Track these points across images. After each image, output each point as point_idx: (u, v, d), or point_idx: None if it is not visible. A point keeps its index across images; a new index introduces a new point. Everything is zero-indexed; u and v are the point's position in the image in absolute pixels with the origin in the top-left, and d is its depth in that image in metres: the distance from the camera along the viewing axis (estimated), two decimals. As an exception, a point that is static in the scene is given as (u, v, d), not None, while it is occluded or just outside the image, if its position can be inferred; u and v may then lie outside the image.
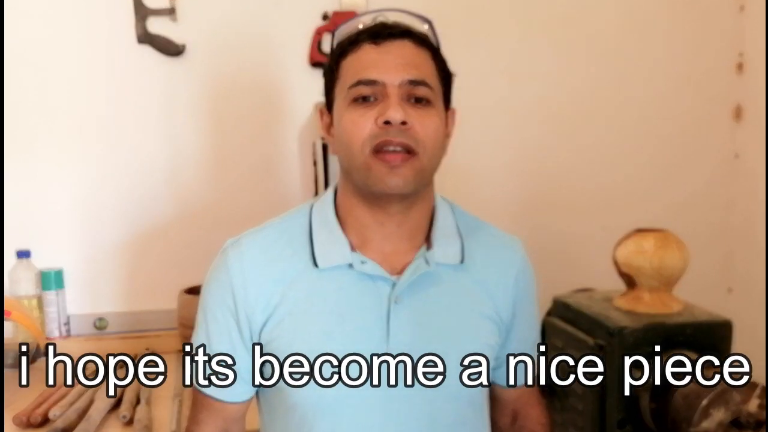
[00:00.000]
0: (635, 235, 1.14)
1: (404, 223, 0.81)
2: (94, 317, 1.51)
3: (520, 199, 1.66)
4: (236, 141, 1.55)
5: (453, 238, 0.85)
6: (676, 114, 1.69)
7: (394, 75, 0.76)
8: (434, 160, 0.79)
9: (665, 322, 1.07)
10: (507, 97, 1.62)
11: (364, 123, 0.76)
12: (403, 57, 0.77)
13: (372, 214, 0.81)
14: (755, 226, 1.64)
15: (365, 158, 0.76)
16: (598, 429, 1.10)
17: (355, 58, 0.78)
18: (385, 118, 0.74)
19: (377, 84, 0.76)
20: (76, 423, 1.08)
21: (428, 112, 0.77)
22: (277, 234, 0.83)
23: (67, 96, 1.48)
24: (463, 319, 0.83)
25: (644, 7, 1.64)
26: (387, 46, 0.77)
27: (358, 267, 0.80)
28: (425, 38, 0.81)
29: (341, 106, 0.79)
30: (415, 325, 0.80)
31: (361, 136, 0.76)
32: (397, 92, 0.76)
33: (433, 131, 0.77)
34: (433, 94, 0.78)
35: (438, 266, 0.82)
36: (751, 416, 0.94)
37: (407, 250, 0.82)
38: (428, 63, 0.79)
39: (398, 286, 0.80)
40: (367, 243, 0.82)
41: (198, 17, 1.49)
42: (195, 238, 1.51)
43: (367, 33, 0.78)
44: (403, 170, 0.75)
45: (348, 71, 0.78)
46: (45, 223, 1.49)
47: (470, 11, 1.58)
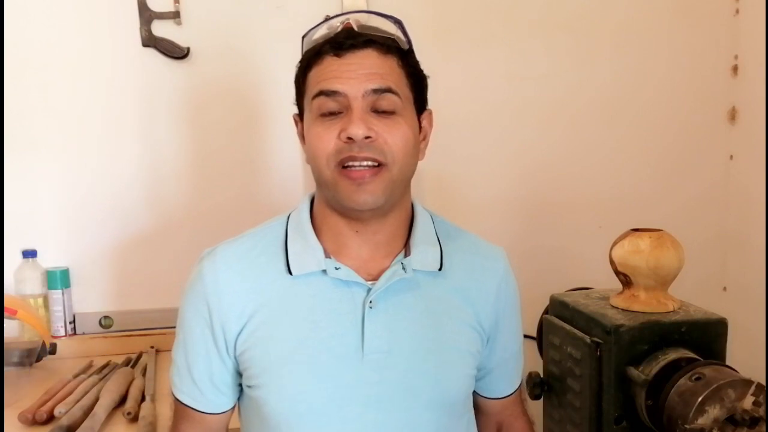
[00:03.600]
0: (631, 235, 1.15)
1: (380, 231, 0.81)
2: (100, 316, 1.53)
3: (518, 199, 1.67)
4: (241, 142, 1.56)
5: (431, 246, 0.84)
6: (672, 116, 1.70)
7: (356, 85, 0.74)
8: (405, 169, 0.77)
9: (661, 320, 1.08)
10: (504, 99, 1.63)
11: (329, 137, 0.74)
12: (366, 67, 0.75)
13: (346, 222, 0.80)
14: (750, 226, 1.65)
15: (331, 173, 0.75)
16: (594, 426, 1.11)
17: (319, 70, 0.77)
18: (347, 134, 0.73)
19: (339, 95, 0.74)
20: (81, 420, 1.07)
21: (395, 122, 0.76)
22: (251, 243, 0.82)
23: (71, 97, 1.49)
24: (440, 325, 0.82)
25: (640, 10, 1.65)
26: (349, 57, 0.75)
27: (332, 273, 0.78)
28: (391, 43, 0.78)
29: (308, 118, 0.78)
30: (390, 331, 0.79)
31: (325, 151, 0.75)
32: (361, 104, 0.74)
33: (401, 140, 0.75)
34: (400, 101, 0.76)
35: (416, 273, 0.81)
36: (746, 413, 0.95)
37: (384, 257, 0.82)
38: (394, 70, 0.77)
39: (373, 290, 0.78)
40: (343, 249, 0.81)
41: (202, 20, 1.50)
42: (201, 237, 1.51)
43: (330, 44, 0.77)
44: (371, 186, 0.74)
45: (311, 82, 0.77)
46: (51, 222, 1.51)
47: (467, 14, 1.60)
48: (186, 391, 0.83)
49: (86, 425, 1.06)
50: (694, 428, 0.95)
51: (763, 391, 0.96)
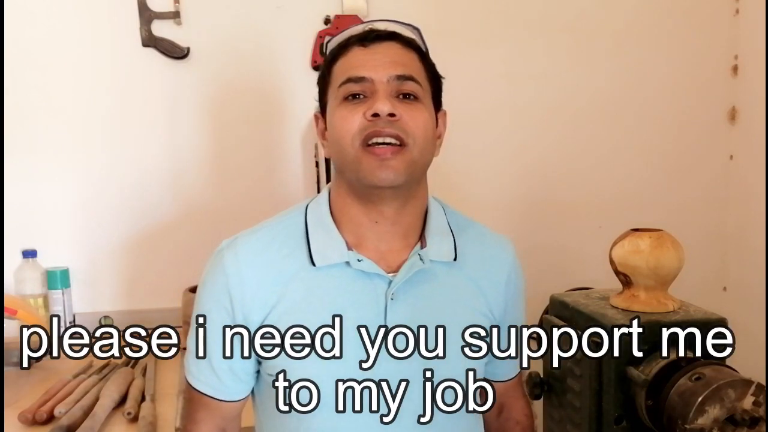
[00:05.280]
0: (631, 235, 1.15)
1: (398, 221, 0.82)
2: (100, 316, 1.53)
3: (518, 198, 1.68)
4: (239, 143, 1.57)
5: (446, 236, 0.86)
6: (672, 115, 1.70)
7: (381, 72, 0.78)
8: (425, 153, 0.80)
9: (661, 320, 1.09)
10: (505, 99, 1.64)
11: (354, 118, 0.77)
12: (390, 56, 0.79)
13: (366, 212, 0.81)
14: (750, 225, 1.66)
15: (355, 152, 0.77)
16: (594, 426, 1.11)
17: (345, 60, 0.80)
18: (373, 111, 0.76)
19: (365, 81, 0.78)
20: (81, 420, 1.07)
21: (417, 107, 0.79)
22: (272, 234, 0.83)
23: (72, 97, 1.49)
24: (458, 314, 0.85)
25: (640, 11, 1.66)
26: (375, 47, 0.80)
27: (355, 265, 0.80)
28: (412, 41, 0.83)
29: (333, 106, 0.81)
30: (411, 322, 0.81)
31: (350, 131, 0.77)
32: (385, 87, 0.77)
33: (422, 123, 0.79)
34: (421, 90, 0.80)
35: (433, 263, 0.83)
36: (746, 413, 0.95)
37: (401, 248, 0.83)
38: (415, 62, 0.81)
39: (394, 283, 0.80)
40: (363, 242, 0.82)
41: (202, 20, 1.51)
42: (199, 237, 1.53)
43: (356, 37, 0.81)
44: (393, 162, 0.76)
45: (338, 73, 0.81)
46: (51, 222, 1.51)
47: (467, 15, 1.60)
48: (204, 380, 0.84)
49: (86, 425, 1.06)
50: (694, 428, 0.95)
51: (763, 391, 0.96)
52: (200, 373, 0.84)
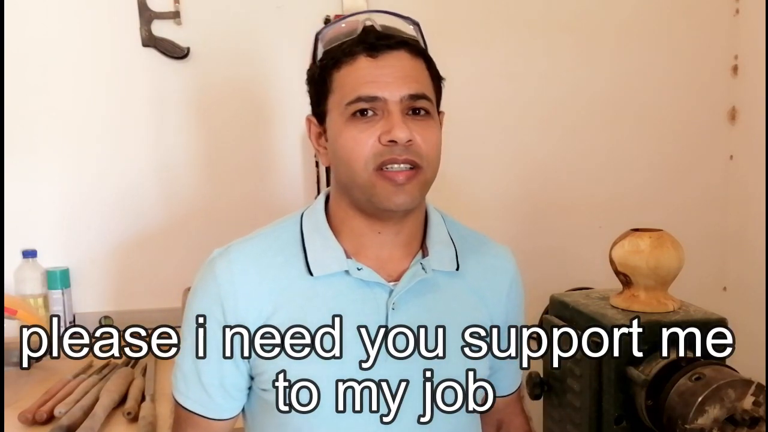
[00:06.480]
0: (631, 235, 1.15)
1: (401, 231, 0.81)
2: (100, 316, 1.53)
3: (518, 199, 1.68)
4: (240, 143, 1.57)
5: (447, 246, 0.84)
6: (672, 115, 1.70)
7: (394, 90, 0.74)
8: (435, 170, 0.78)
9: (661, 320, 1.09)
10: (505, 99, 1.64)
11: (366, 140, 0.74)
12: (402, 69, 0.75)
13: (369, 224, 0.79)
14: (750, 225, 1.66)
15: (369, 176, 0.74)
16: (594, 426, 1.11)
17: (352, 71, 0.75)
18: (390, 137, 0.73)
19: (378, 100, 0.74)
20: (81, 420, 1.08)
21: (429, 124, 0.76)
22: (266, 243, 0.80)
23: (71, 97, 1.49)
24: (458, 325, 0.83)
25: (640, 10, 1.66)
26: (384, 59, 0.75)
27: (355, 273, 0.78)
28: (417, 44, 0.79)
29: (338, 121, 0.76)
30: (411, 323, 0.79)
31: (363, 154, 0.74)
32: (399, 108, 0.74)
33: (435, 143, 0.77)
34: (431, 105, 0.77)
35: (435, 273, 0.82)
36: (746, 413, 0.95)
37: (402, 257, 0.82)
38: (424, 72, 0.78)
39: (395, 292, 0.79)
40: (362, 250, 0.80)
41: (202, 20, 1.51)
42: (200, 237, 1.53)
43: (363, 45, 0.76)
44: (408, 187, 0.74)
45: (344, 86, 0.76)
46: (51, 222, 1.51)
47: (468, 14, 1.60)
48: (193, 397, 0.81)
49: (86, 425, 1.06)
50: (694, 428, 0.95)
51: (763, 391, 0.96)
52: (189, 390, 0.81)
